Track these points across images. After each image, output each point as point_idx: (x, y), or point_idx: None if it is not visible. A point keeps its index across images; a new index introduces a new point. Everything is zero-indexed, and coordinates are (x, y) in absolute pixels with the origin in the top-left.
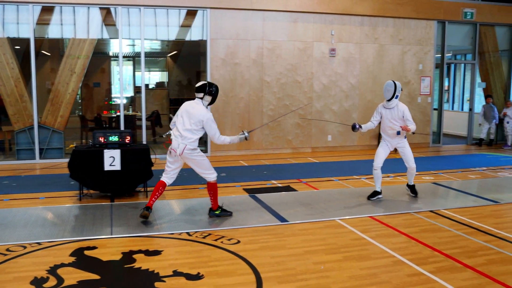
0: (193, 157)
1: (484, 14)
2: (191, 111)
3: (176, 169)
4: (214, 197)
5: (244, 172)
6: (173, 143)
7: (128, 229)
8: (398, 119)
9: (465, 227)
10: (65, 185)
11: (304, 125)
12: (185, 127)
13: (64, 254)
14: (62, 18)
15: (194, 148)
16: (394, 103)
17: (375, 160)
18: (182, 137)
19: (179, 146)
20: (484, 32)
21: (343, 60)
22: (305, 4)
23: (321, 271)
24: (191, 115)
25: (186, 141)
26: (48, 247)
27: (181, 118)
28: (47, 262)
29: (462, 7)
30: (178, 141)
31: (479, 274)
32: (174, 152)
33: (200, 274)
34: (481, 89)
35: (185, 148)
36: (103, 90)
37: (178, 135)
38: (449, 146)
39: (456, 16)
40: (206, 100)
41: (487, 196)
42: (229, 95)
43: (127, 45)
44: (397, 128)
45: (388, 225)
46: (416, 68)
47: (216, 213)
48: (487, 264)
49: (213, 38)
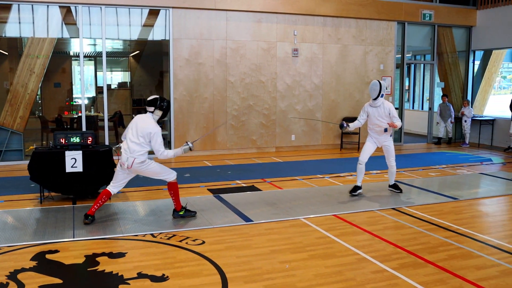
0: (143, 169)
1: (442, 16)
2: (140, 124)
3: (125, 180)
4: (176, 197)
5: (209, 172)
6: (122, 157)
7: (91, 231)
8: (385, 116)
9: (426, 224)
10: (25, 188)
11: (268, 125)
12: (132, 140)
13: (24, 258)
14: (20, 16)
15: (142, 161)
16: (380, 102)
17: (361, 155)
18: (130, 151)
19: (128, 160)
20: (442, 33)
21: (307, 60)
22: (269, 4)
23: (287, 270)
24: (140, 128)
25: (134, 154)
26: (8, 252)
27: (131, 131)
28: (7, 267)
29: (421, 8)
30: (127, 155)
31: (440, 269)
32: (123, 165)
33: (165, 276)
34: (440, 88)
35: (134, 162)
36: (64, 90)
37: (127, 148)
38: (410, 145)
39: (416, 18)
40: (157, 115)
41: (447, 193)
42: (194, 95)
43: (88, 44)
44: (384, 125)
45: (352, 223)
46: (378, 68)
47: (180, 213)
48: (448, 259)
49: (176, 38)
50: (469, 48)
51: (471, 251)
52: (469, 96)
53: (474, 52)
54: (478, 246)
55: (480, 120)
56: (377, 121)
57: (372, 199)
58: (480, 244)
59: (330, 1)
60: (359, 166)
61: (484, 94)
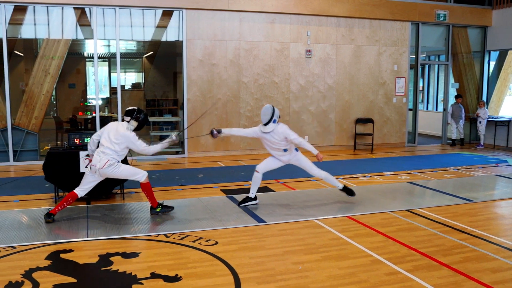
0: (114, 172)
1: (457, 16)
2: (114, 132)
3: (93, 183)
4: (150, 196)
5: (222, 173)
6: (94, 158)
7: (104, 231)
8: (281, 141)
9: (441, 226)
10: (40, 188)
11: None
12: (107, 146)
13: (39, 257)
14: (35, 18)
15: (113, 163)
16: (271, 127)
17: (261, 164)
18: (104, 153)
19: (100, 161)
20: (457, 34)
21: (320, 61)
22: (282, 5)
23: (300, 271)
24: (115, 135)
25: (108, 156)
26: (23, 251)
27: (105, 138)
28: (22, 266)
29: (436, 8)
30: (100, 157)
31: (455, 272)
32: (94, 167)
33: (178, 276)
34: (455, 89)
35: (106, 164)
36: (78, 91)
37: (101, 151)
38: (424, 146)
39: (430, 18)
40: (132, 125)
41: (462, 195)
42: (207, 96)
43: (102, 45)
44: (282, 147)
45: (366, 224)
46: (392, 68)
47: (156, 210)
48: (462, 262)
49: (189, 39)
50: (484, 49)
51: (486, 254)
52: (484, 97)
53: (489, 52)
54: (493, 249)
55: (496, 121)
56: (275, 146)
57: (385, 200)
58: (496, 246)
59: (344, 1)
60: (256, 174)
61: (500, 94)
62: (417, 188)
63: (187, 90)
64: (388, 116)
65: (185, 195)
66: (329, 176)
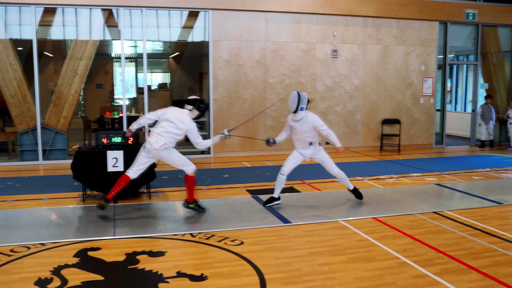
0: (167, 156)
1: (487, 14)
2: (177, 118)
3: (146, 164)
4: (190, 189)
5: (248, 173)
6: (151, 138)
7: (131, 230)
8: (309, 131)
9: (470, 229)
10: (68, 186)
11: None
12: (167, 130)
13: (68, 255)
14: (64, 19)
15: (169, 147)
16: (300, 115)
17: (284, 165)
18: (162, 136)
19: (157, 142)
20: (487, 33)
21: (347, 61)
22: (309, 5)
23: (326, 273)
24: (177, 122)
25: (165, 139)
26: (52, 248)
27: (166, 122)
28: (51, 263)
29: (464, 8)
30: (157, 138)
31: (484, 276)
32: (150, 146)
33: (204, 275)
34: (485, 90)
35: (162, 146)
36: (105, 91)
37: (158, 133)
38: (453, 147)
39: (459, 17)
40: (193, 114)
41: (492, 197)
42: (233, 96)
43: (129, 46)
44: (308, 139)
45: (393, 226)
46: (419, 69)
47: (190, 205)
48: (492, 266)
49: (215, 39)
50: None
51: None
52: None
53: None
54: None
55: None
56: (301, 136)
57: (413, 202)
58: None
59: (371, 1)
60: (281, 176)
61: None
62: (445, 190)
63: (213, 91)
64: (416, 117)
65: (211, 195)
66: (345, 177)
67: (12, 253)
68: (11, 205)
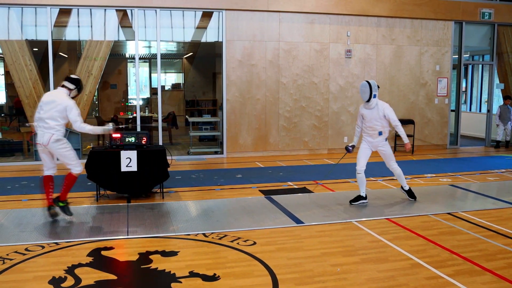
0: (58, 148)
1: (502, 14)
2: (53, 100)
3: (53, 159)
4: (67, 188)
5: (260, 174)
6: (38, 135)
7: (144, 229)
8: (379, 119)
9: (484, 230)
10: (82, 186)
11: (320, 126)
12: (47, 117)
13: (81, 254)
14: (79, 20)
15: (59, 139)
16: (373, 103)
17: (357, 164)
18: (45, 127)
19: (44, 136)
20: (503, 32)
21: (360, 61)
22: (322, 5)
23: (338, 273)
24: (54, 104)
25: (51, 130)
26: (66, 247)
27: (44, 109)
28: (65, 261)
29: (480, 7)
30: (43, 132)
31: (499, 277)
32: (40, 146)
33: (216, 275)
34: (500, 90)
35: (50, 138)
36: (119, 91)
37: (41, 125)
38: (467, 148)
39: (474, 17)
40: (73, 94)
41: (507, 198)
42: (246, 97)
43: (143, 46)
44: (378, 128)
45: (405, 227)
46: (434, 69)
47: (59, 204)
48: (507, 268)
49: (229, 40)
50: None
51: None
52: None
53: None
54: None
55: None
56: (371, 124)
57: (426, 203)
58: None
59: (384, 1)
60: (358, 175)
61: None
62: (459, 191)
63: (226, 91)
64: (430, 117)
65: (223, 195)
66: (402, 174)
67: (26, 252)
68: (25, 204)
